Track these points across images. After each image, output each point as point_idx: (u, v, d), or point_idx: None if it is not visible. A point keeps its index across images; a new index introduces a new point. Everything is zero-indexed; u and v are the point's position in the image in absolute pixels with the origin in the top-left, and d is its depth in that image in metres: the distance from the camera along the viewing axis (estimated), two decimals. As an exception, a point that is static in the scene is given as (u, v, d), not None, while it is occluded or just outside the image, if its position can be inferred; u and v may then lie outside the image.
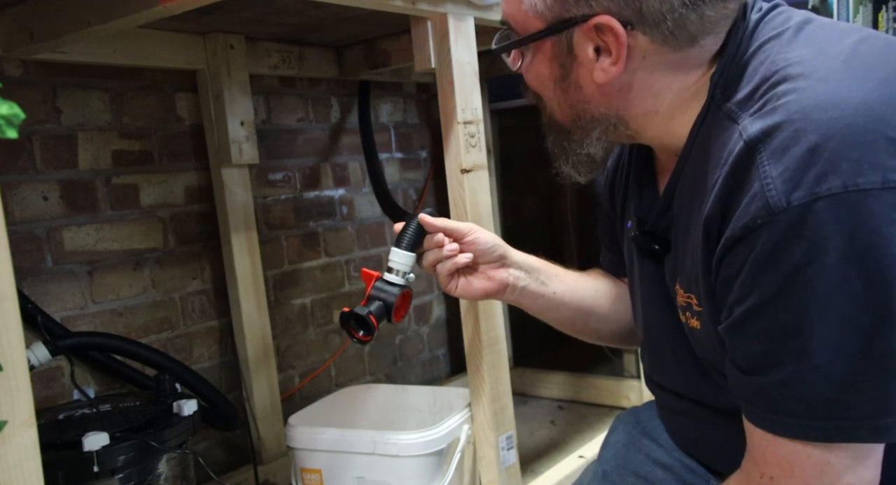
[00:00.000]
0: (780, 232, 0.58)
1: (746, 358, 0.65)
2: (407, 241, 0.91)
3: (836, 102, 0.58)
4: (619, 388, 2.16)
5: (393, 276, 0.91)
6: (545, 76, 0.75)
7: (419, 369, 2.39)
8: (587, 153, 0.77)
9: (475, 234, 0.93)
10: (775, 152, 0.59)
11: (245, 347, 1.73)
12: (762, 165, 0.59)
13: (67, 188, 1.51)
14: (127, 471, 1.18)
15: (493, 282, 0.94)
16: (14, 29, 1.30)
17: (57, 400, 1.47)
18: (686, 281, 0.74)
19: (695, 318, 0.75)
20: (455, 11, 1.36)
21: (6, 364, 0.57)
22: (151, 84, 1.66)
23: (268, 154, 1.91)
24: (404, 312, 0.93)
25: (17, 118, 0.49)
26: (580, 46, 0.70)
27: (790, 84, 0.62)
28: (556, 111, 0.78)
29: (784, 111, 0.60)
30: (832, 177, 0.56)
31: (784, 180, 0.58)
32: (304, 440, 1.43)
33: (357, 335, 0.90)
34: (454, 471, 1.40)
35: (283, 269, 1.95)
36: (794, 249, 0.57)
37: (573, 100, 0.74)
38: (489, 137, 2.38)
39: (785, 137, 0.59)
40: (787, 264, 0.58)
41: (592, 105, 0.74)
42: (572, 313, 0.99)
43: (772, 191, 0.58)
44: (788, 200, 0.57)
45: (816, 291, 0.57)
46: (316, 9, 1.48)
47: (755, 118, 0.62)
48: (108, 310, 1.57)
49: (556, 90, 0.75)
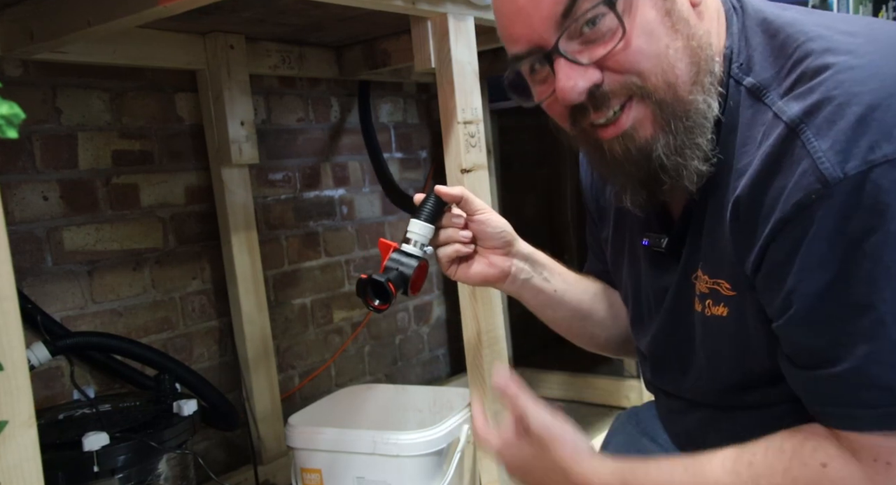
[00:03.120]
0: (839, 204, 0.56)
1: (813, 351, 0.61)
2: (427, 213, 0.88)
3: (873, 74, 0.58)
4: (619, 388, 2.16)
5: (411, 246, 0.88)
6: (654, 20, 0.65)
7: (419, 369, 2.39)
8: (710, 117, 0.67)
9: (487, 214, 0.89)
10: (821, 128, 0.58)
11: (245, 347, 1.73)
12: (809, 141, 0.58)
13: (67, 188, 1.51)
14: (127, 471, 1.18)
15: (493, 268, 0.91)
16: (14, 29, 1.30)
17: (57, 400, 1.47)
18: (711, 266, 0.71)
19: (721, 305, 0.71)
20: (455, 11, 1.36)
21: (6, 364, 0.57)
22: (151, 84, 1.66)
23: (268, 154, 1.91)
24: (420, 285, 0.90)
25: (17, 118, 0.49)
26: None
27: (819, 60, 0.61)
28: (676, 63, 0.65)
29: (823, 89, 0.59)
30: (885, 144, 0.55)
31: (836, 151, 0.56)
32: (304, 440, 1.43)
33: (373, 303, 0.87)
34: (454, 471, 1.40)
35: (283, 269, 1.95)
36: (854, 220, 0.56)
37: (686, 36, 0.65)
38: (489, 137, 2.38)
39: (829, 113, 0.58)
40: (849, 237, 0.56)
41: (699, 38, 0.66)
42: (570, 314, 0.98)
43: (825, 163, 0.56)
44: (844, 170, 0.56)
45: (883, 260, 0.55)
46: (316, 9, 1.48)
47: (790, 99, 0.61)
48: (108, 310, 1.57)
49: (669, 32, 0.65)
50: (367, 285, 0.86)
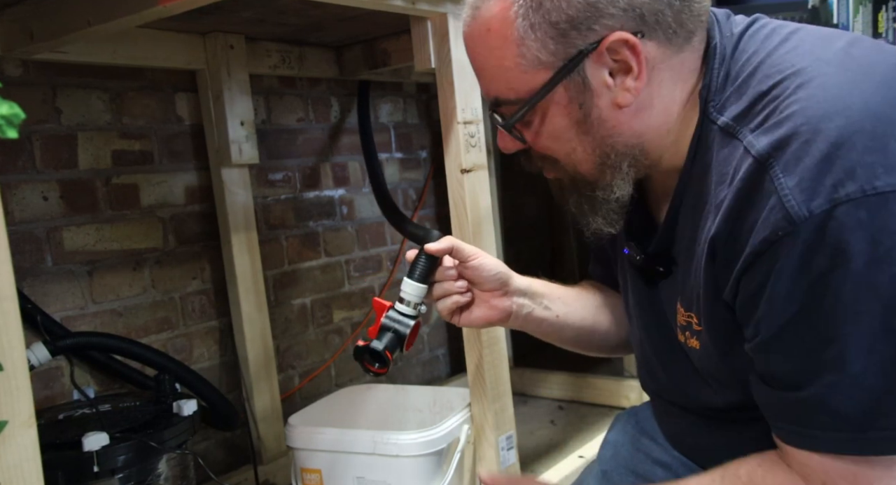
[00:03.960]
0: (803, 241, 0.57)
1: (779, 375, 0.64)
2: (419, 272, 0.90)
3: (841, 109, 0.58)
4: (619, 388, 2.16)
5: (405, 306, 0.90)
6: (563, 127, 0.71)
7: (419, 369, 2.39)
8: (617, 197, 0.74)
9: (480, 259, 0.90)
10: (789, 164, 0.59)
11: (245, 347, 1.73)
12: (776, 178, 0.59)
13: (67, 188, 1.51)
14: (127, 471, 1.18)
15: (494, 310, 0.91)
16: (14, 29, 1.30)
17: (57, 400, 1.47)
18: (686, 300, 0.74)
19: (694, 338, 0.74)
20: (455, 11, 1.36)
21: (6, 364, 0.57)
22: (151, 84, 1.66)
23: (268, 154, 1.91)
24: (413, 341, 0.93)
25: (17, 118, 0.49)
26: (595, 76, 0.68)
27: (791, 96, 0.61)
28: (580, 162, 0.74)
29: (790, 124, 0.60)
30: (849, 182, 0.56)
31: (802, 190, 0.57)
32: (304, 440, 1.43)
33: (372, 368, 0.90)
34: (454, 471, 1.40)
35: (283, 269, 1.95)
36: (818, 257, 0.57)
37: (598, 138, 0.71)
38: (489, 137, 2.38)
39: (796, 149, 0.59)
40: (813, 273, 0.58)
41: (617, 136, 0.71)
42: (576, 333, 0.98)
43: (791, 201, 0.58)
44: (809, 208, 0.57)
45: (845, 297, 0.57)
46: (316, 9, 1.48)
47: (760, 133, 0.62)
48: (108, 310, 1.57)
49: (579, 136, 0.71)
50: (365, 353, 0.89)
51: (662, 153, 0.73)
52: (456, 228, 1.43)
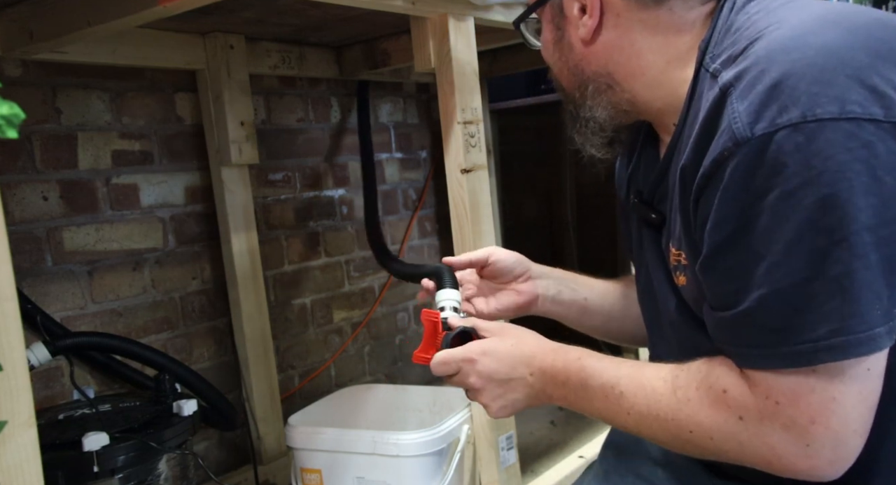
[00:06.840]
0: (745, 162, 0.61)
1: (718, 295, 0.67)
2: (450, 280, 0.93)
3: (799, 46, 0.62)
4: (619, 388, 2.15)
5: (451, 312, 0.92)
6: (549, 40, 0.82)
7: (419, 368, 2.38)
8: (593, 118, 0.81)
9: (495, 255, 0.94)
10: (743, 91, 0.62)
11: (245, 347, 1.73)
12: (731, 104, 0.63)
13: (67, 188, 1.51)
14: (127, 471, 1.18)
15: (522, 295, 0.95)
16: (14, 29, 1.30)
17: (57, 400, 1.47)
18: (676, 239, 0.76)
19: (682, 274, 0.76)
20: (455, 11, 1.36)
21: (6, 364, 0.57)
22: (151, 84, 1.66)
23: (268, 154, 1.91)
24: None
25: (17, 118, 0.49)
26: (568, 5, 0.79)
27: (762, 36, 0.65)
28: (562, 76, 0.83)
29: (752, 58, 0.64)
30: (792, 108, 0.59)
31: (749, 113, 0.61)
32: (304, 440, 1.43)
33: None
34: (454, 471, 1.40)
35: (283, 269, 1.95)
36: (756, 177, 0.60)
37: (569, 60, 0.81)
38: (489, 137, 2.38)
39: (751, 77, 0.62)
40: (751, 192, 0.61)
41: (584, 63, 0.80)
42: (606, 318, 1.00)
43: (738, 124, 0.61)
44: (752, 131, 0.60)
45: (778, 216, 0.60)
46: (316, 9, 1.48)
47: (729, 68, 0.66)
48: (108, 310, 1.57)
49: (556, 52, 0.82)
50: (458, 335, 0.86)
51: (642, 96, 0.78)
52: (456, 228, 1.43)
